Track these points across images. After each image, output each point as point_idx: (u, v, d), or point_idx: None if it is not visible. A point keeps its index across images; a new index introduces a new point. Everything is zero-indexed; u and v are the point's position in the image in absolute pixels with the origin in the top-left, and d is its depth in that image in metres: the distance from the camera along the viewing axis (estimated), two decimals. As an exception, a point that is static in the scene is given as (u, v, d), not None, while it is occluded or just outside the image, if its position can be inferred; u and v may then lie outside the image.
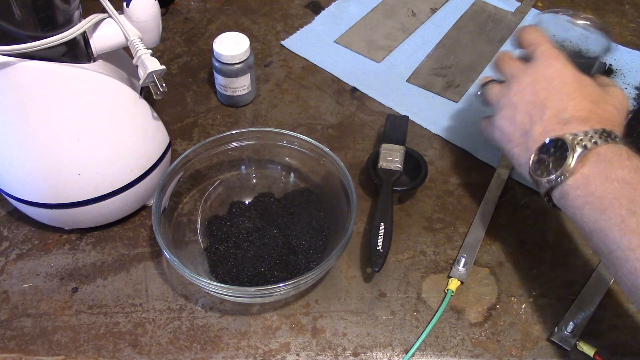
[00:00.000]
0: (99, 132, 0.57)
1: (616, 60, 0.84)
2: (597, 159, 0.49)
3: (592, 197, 0.48)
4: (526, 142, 0.54)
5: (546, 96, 0.54)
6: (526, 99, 0.55)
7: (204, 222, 0.64)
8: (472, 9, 0.91)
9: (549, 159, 0.51)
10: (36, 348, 0.57)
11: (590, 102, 0.53)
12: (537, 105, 0.54)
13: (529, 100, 0.55)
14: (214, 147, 0.65)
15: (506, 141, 0.56)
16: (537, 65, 0.56)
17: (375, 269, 0.59)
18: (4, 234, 0.65)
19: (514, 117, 0.55)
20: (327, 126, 0.76)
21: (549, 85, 0.54)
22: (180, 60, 0.83)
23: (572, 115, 0.52)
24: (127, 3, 0.57)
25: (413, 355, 0.56)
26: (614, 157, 0.48)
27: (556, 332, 0.57)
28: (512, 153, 0.56)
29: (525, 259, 0.63)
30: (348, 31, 0.87)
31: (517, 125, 0.55)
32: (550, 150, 0.51)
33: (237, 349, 0.57)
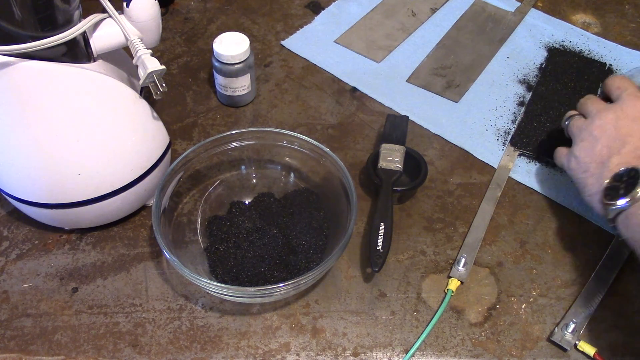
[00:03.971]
0: (99, 132, 0.57)
1: (616, 60, 0.84)
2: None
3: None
4: (601, 172, 0.57)
5: (627, 133, 0.57)
6: (607, 133, 0.58)
7: (204, 222, 0.64)
8: (472, 9, 0.91)
9: (620, 186, 0.54)
10: (36, 348, 0.57)
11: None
12: (618, 140, 0.57)
13: (610, 134, 0.58)
14: (214, 147, 0.65)
15: (581, 171, 0.60)
16: (621, 104, 0.60)
17: (375, 269, 0.59)
18: (4, 234, 0.65)
19: (593, 149, 0.59)
20: (327, 126, 0.76)
21: (631, 123, 0.58)
22: (180, 60, 0.83)
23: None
24: (127, 3, 0.57)
25: (413, 355, 0.56)
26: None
27: (556, 332, 0.57)
28: (585, 183, 0.59)
29: (525, 259, 0.63)
30: (348, 31, 0.87)
31: (595, 156, 0.59)
32: (622, 178, 0.55)
33: (237, 349, 0.57)
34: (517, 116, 0.77)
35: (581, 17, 0.90)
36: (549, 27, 0.88)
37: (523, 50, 0.85)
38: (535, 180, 0.70)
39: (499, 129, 0.75)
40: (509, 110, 0.78)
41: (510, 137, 0.74)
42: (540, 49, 0.85)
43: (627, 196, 0.53)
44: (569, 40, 0.86)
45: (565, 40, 0.86)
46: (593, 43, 0.86)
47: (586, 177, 0.59)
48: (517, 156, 0.72)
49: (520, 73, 0.82)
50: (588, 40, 0.87)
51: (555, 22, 0.89)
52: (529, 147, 0.73)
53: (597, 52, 0.84)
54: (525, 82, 0.81)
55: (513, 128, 0.75)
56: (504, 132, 0.75)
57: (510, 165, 0.71)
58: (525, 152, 0.73)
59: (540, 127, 0.75)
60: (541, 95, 0.79)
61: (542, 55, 0.84)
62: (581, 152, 0.60)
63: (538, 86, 0.80)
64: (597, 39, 0.86)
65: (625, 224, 0.54)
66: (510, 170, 0.71)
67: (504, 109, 0.78)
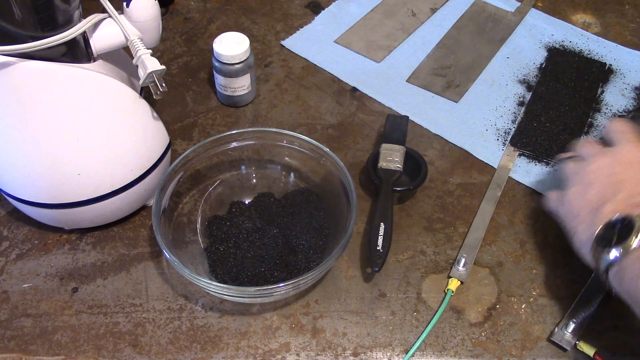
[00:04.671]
0: (99, 132, 0.57)
1: (616, 60, 0.84)
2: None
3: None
4: (593, 219, 0.53)
5: (622, 179, 0.54)
6: (601, 179, 0.55)
7: (204, 222, 0.64)
8: (472, 9, 0.91)
9: (612, 235, 0.51)
10: (36, 348, 0.57)
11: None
12: (612, 186, 0.54)
13: (604, 180, 0.55)
14: (214, 147, 0.65)
15: (572, 217, 0.56)
16: (617, 149, 0.57)
17: (375, 269, 0.59)
18: (4, 234, 0.65)
19: (586, 194, 0.55)
20: (327, 126, 0.76)
21: (626, 169, 0.55)
22: (180, 60, 0.83)
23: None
24: (127, 3, 0.57)
25: (413, 355, 0.56)
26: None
27: (556, 332, 0.57)
28: (576, 230, 0.55)
29: (525, 259, 0.63)
30: (348, 31, 0.87)
31: (587, 202, 0.55)
32: (616, 226, 0.51)
33: (237, 349, 0.57)
34: (517, 116, 0.77)
35: (581, 17, 0.90)
36: (549, 27, 0.88)
37: (523, 50, 0.85)
38: (535, 180, 0.70)
39: (499, 129, 0.75)
40: (509, 110, 0.78)
41: (510, 137, 0.74)
42: (540, 49, 0.85)
43: (620, 247, 0.49)
44: (569, 40, 0.86)
45: (565, 40, 0.86)
46: (593, 43, 0.86)
47: (577, 224, 0.55)
48: (517, 156, 0.72)
49: (520, 73, 0.82)
50: (588, 40, 0.87)
51: (555, 22, 0.89)
52: (529, 147, 0.73)
53: (597, 52, 0.84)
54: (525, 82, 0.81)
55: (513, 128, 0.75)
56: (504, 132, 0.75)
57: (510, 165, 0.71)
58: (525, 152, 0.73)
59: (540, 127, 0.75)
60: (541, 95, 0.79)
61: (542, 55, 0.84)
62: (573, 198, 0.56)
63: (538, 86, 0.80)
64: (597, 39, 0.86)
65: (618, 278, 0.50)
66: (510, 170, 0.71)
67: (504, 109, 0.78)
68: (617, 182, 0.54)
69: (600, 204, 0.54)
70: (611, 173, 0.55)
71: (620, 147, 0.57)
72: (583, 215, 0.55)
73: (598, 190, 0.55)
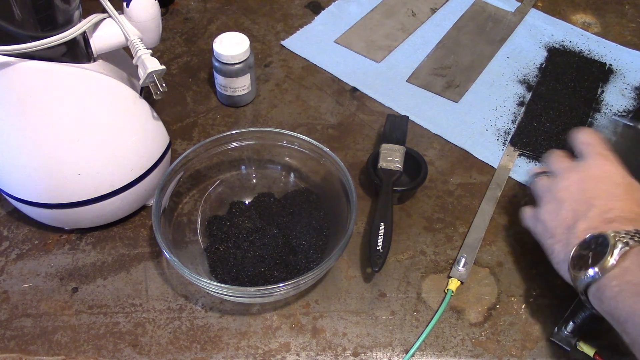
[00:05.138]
0: (99, 132, 0.57)
1: (616, 60, 0.84)
2: (636, 254, 0.48)
3: (627, 285, 0.47)
4: (567, 238, 0.53)
5: (593, 195, 0.54)
6: (573, 196, 0.54)
7: (204, 222, 0.64)
8: (472, 9, 0.91)
9: (588, 255, 0.50)
10: (36, 348, 0.57)
11: (637, 206, 0.52)
12: (584, 203, 0.53)
13: (576, 197, 0.54)
14: (214, 147, 0.65)
15: (548, 236, 0.56)
16: (587, 164, 0.56)
17: (375, 269, 0.59)
18: (4, 234, 0.65)
19: (559, 212, 0.55)
20: (327, 126, 0.76)
21: (597, 185, 0.54)
22: (180, 60, 0.83)
23: (617, 216, 0.51)
24: (127, 3, 0.57)
25: (413, 355, 0.56)
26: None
27: (556, 332, 0.57)
28: (553, 249, 0.55)
29: (525, 259, 0.63)
30: (348, 31, 0.87)
31: (560, 221, 0.54)
32: (590, 246, 0.50)
33: (237, 349, 0.57)
34: (517, 116, 0.77)
35: (581, 17, 0.90)
36: (549, 27, 0.88)
37: (523, 50, 0.85)
38: (535, 180, 0.70)
39: (499, 129, 0.75)
40: (509, 110, 0.78)
41: (510, 137, 0.74)
42: (540, 49, 0.85)
43: (596, 266, 0.49)
44: (569, 40, 0.86)
45: (565, 40, 0.86)
46: (593, 43, 0.86)
47: (553, 243, 0.55)
48: (517, 156, 0.72)
49: (520, 73, 0.82)
50: (588, 40, 0.87)
51: (555, 22, 0.89)
52: (529, 147, 0.73)
53: (597, 52, 0.84)
54: (525, 82, 0.81)
55: (513, 128, 0.75)
56: (504, 132, 0.75)
57: (510, 165, 0.71)
58: (525, 152, 0.73)
59: (540, 127, 0.75)
60: (541, 95, 0.79)
61: (542, 55, 0.84)
62: (546, 216, 0.56)
63: (538, 86, 0.80)
64: (597, 39, 0.86)
65: (597, 298, 0.49)
66: (510, 170, 0.71)
67: (504, 109, 0.78)
68: (588, 198, 0.53)
69: (573, 222, 0.53)
70: (582, 189, 0.54)
71: (589, 161, 0.56)
72: (558, 235, 0.54)
73: (571, 208, 0.54)
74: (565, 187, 0.55)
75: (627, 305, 0.47)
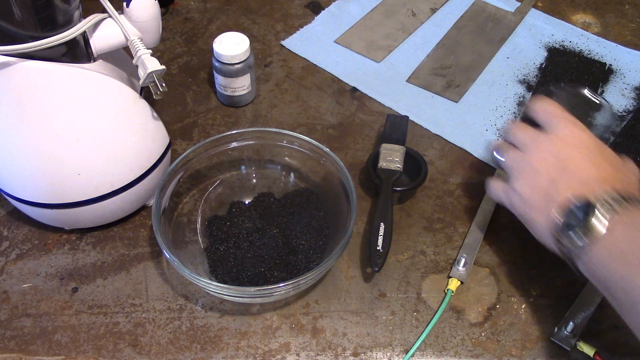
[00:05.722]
0: (99, 132, 0.57)
1: (616, 60, 0.84)
2: (624, 221, 0.48)
3: (615, 251, 0.47)
4: (547, 206, 0.53)
5: (569, 160, 0.54)
6: (548, 166, 0.55)
7: (204, 222, 0.64)
8: (472, 9, 0.91)
9: (574, 224, 0.50)
10: (36, 348, 0.57)
11: (612, 167, 0.53)
12: (560, 170, 0.54)
13: (552, 167, 0.54)
14: (214, 147, 0.65)
15: (528, 208, 0.55)
16: (557, 131, 0.56)
17: (375, 269, 0.59)
18: (4, 234, 0.65)
19: (535, 182, 0.55)
20: (327, 126, 0.76)
21: (571, 150, 0.54)
22: (180, 60, 0.83)
23: (595, 178, 0.52)
24: (127, 3, 0.57)
25: (413, 355, 0.56)
26: (637, 213, 0.49)
27: (556, 332, 0.57)
28: (535, 221, 0.55)
29: (525, 259, 0.63)
30: (348, 31, 0.87)
31: (538, 190, 0.54)
32: (575, 213, 0.51)
33: (237, 349, 0.57)
34: (517, 116, 0.77)
35: (581, 17, 0.90)
36: (549, 27, 0.88)
37: (523, 50, 0.85)
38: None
39: (499, 129, 0.75)
40: (509, 110, 0.78)
41: (510, 137, 0.74)
42: (540, 49, 0.85)
43: (583, 234, 0.49)
44: (569, 40, 0.86)
45: (565, 40, 0.86)
46: (593, 43, 0.86)
47: (533, 214, 0.55)
48: (517, 156, 0.72)
49: (520, 73, 0.82)
50: (588, 40, 0.87)
51: (555, 22, 0.89)
52: (529, 147, 0.73)
53: (597, 52, 0.84)
54: (525, 82, 0.81)
55: (513, 128, 0.75)
56: (504, 132, 0.75)
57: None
58: (525, 152, 0.73)
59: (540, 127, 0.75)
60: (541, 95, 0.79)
61: (542, 55, 0.84)
62: (523, 188, 0.55)
63: (538, 86, 0.80)
64: (597, 39, 0.86)
65: (584, 264, 0.50)
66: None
67: (504, 109, 0.78)
68: (565, 167, 0.54)
69: (552, 191, 0.53)
70: (557, 159, 0.54)
71: (558, 129, 0.56)
72: (537, 205, 0.54)
73: (547, 177, 0.54)
74: (539, 157, 0.55)
75: (615, 271, 0.47)
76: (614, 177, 0.52)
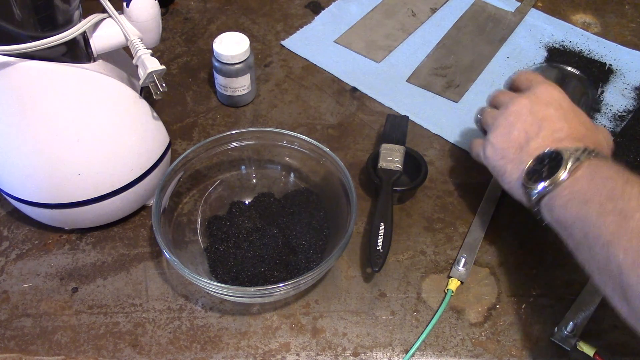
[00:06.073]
0: (99, 132, 0.57)
1: (616, 60, 0.84)
2: (587, 167, 0.51)
3: (577, 194, 0.50)
4: (520, 157, 0.56)
5: (543, 117, 0.57)
6: (523, 118, 0.57)
7: (204, 222, 0.64)
8: (472, 9, 0.91)
9: (542, 170, 0.53)
10: (36, 348, 0.57)
11: (584, 128, 0.57)
12: (534, 124, 0.56)
13: (526, 119, 0.57)
14: (214, 147, 0.65)
15: (499, 158, 0.58)
16: (535, 91, 0.59)
17: (375, 269, 0.59)
18: (4, 234, 0.65)
19: (510, 134, 0.57)
20: (327, 126, 0.76)
21: (546, 108, 0.57)
22: (180, 60, 0.83)
23: (567, 135, 0.55)
24: (127, 3, 0.57)
25: (413, 355, 0.56)
26: (601, 164, 0.51)
27: (556, 332, 0.57)
28: (505, 169, 0.57)
29: (525, 259, 0.63)
30: (348, 31, 0.87)
31: (512, 142, 0.57)
32: (544, 161, 0.54)
33: (237, 349, 0.57)
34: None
35: (581, 17, 0.90)
36: (549, 27, 0.88)
37: (523, 50, 0.85)
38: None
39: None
40: (509, 110, 0.78)
41: (510, 137, 0.74)
42: (540, 49, 0.85)
43: (549, 179, 0.52)
44: (569, 40, 0.86)
45: (565, 40, 0.86)
46: (593, 43, 0.86)
47: (504, 163, 0.57)
48: (517, 156, 0.72)
49: (520, 73, 0.82)
50: (588, 40, 0.87)
51: (555, 22, 0.89)
52: (529, 147, 0.73)
53: (597, 52, 0.84)
54: (525, 82, 0.81)
55: (513, 128, 0.75)
56: (504, 132, 0.75)
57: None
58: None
59: None
60: (541, 95, 0.79)
61: (542, 55, 0.84)
62: (497, 139, 0.58)
63: (538, 86, 0.80)
64: (597, 39, 0.86)
65: (548, 208, 0.52)
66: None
67: (504, 109, 0.78)
68: (538, 120, 0.56)
69: (525, 142, 0.56)
70: (532, 112, 0.57)
71: (537, 88, 0.59)
72: (510, 155, 0.57)
73: (521, 130, 0.57)
74: (516, 111, 0.58)
75: (574, 211, 0.50)
76: (586, 137, 0.55)
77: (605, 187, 0.49)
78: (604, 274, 0.46)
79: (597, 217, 0.47)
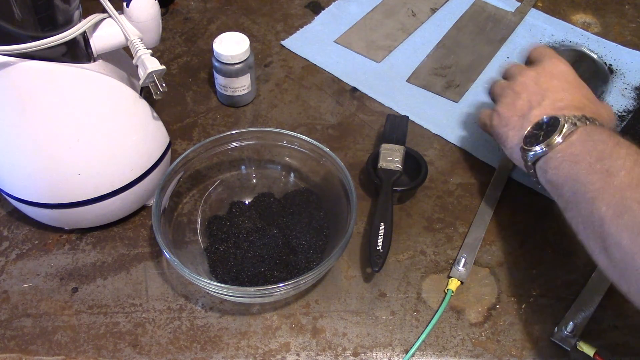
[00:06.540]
0: (99, 132, 0.57)
1: (616, 60, 0.84)
2: (581, 132, 0.54)
3: (570, 156, 0.53)
4: (522, 124, 0.59)
5: (547, 88, 0.60)
6: (528, 89, 0.61)
7: (204, 222, 0.64)
8: (472, 9, 0.91)
9: (540, 134, 0.56)
10: (36, 348, 0.57)
11: (586, 100, 0.59)
12: (538, 94, 0.60)
13: (531, 90, 0.60)
14: (214, 147, 0.65)
15: (503, 125, 0.61)
16: (543, 63, 0.63)
17: (375, 269, 0.59)
18: (4, 234, 0.65)
19: (515, 103, 0.61)
20: (327, 126, 0.76)
21: (551, 79, 0.60)
22: (180, 60, 0.83)
23: (567, 104, 0.58)
24: (127, 3, 0.57)
25: (413, 355, 0.56)
26: (595, 129, 0.54)
27: (556, 332, 0.57)
28: (507, 135, 0.61)
29: (525, 259, 0.63)
30: (348, 31, 0.87)
31: (516, 110, 0.60)
32: (542, 126, 0.56)
33: (237, 349, 0.57)
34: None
35: (581, 17, 0.90)
36: (549, 27, 0.88)
37: (523, 50, 0.85)
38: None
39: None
40: (509, 110, 0.78)
41: (510, 137, 0.74)
42: (540, 49, 0.85)
43: (545, 142, 0.54)
44: (569, 40, 0.86)
45: (566, 40, 0.86)
46: (593, 43, 0.86)
47: (507, 130, 0.60)
48: (517, 156, 0.73)
49: (520, 73, 0.82)
50: (588, 40, 0.87)
51: (555, 22, 0.89)
52: (529, 147, 0.73)
53: (597, 52, 0.84)
54: (525, 82, 0.81)
55: (513, 128, 0.75)
56: (504, 132, 0.75)
57: (510, 165, 0.71)
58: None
59: None
60: (541, 95, 0.79)
61: (542, 55, 0.84)
62: (503, 108, 0.62)
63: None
64: (597, 39, 0.86)
65: (543, 169, 0.55)
66: (511, 170, 0.71)
67: (504, 109, 0.78)
68: (542, 90, 0.60)
69: (528, 111, 0.59)
70: (537, 83, 0.60)
71: (544, 62, 0.63)
72: (513, 122, 0.60)
73: (526, 99, 0.60)
74: (521, 82, 0.62)
75: (565, 171, 0.53)
76: (587, 107, 0.58)
77: (595, 149, 0.52)
78: (588, 228, 0.49)
79: (586, 176, 0.50)
